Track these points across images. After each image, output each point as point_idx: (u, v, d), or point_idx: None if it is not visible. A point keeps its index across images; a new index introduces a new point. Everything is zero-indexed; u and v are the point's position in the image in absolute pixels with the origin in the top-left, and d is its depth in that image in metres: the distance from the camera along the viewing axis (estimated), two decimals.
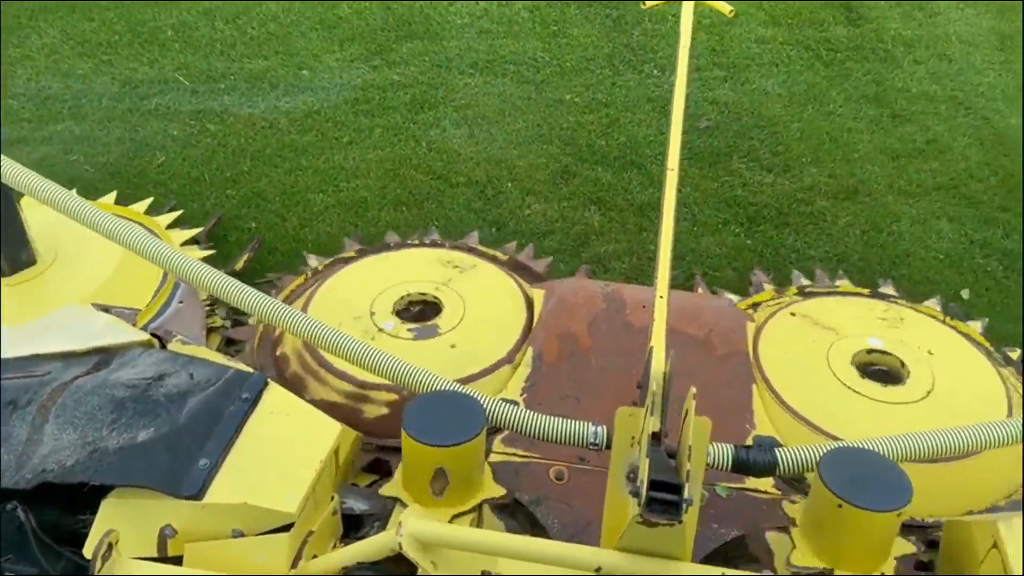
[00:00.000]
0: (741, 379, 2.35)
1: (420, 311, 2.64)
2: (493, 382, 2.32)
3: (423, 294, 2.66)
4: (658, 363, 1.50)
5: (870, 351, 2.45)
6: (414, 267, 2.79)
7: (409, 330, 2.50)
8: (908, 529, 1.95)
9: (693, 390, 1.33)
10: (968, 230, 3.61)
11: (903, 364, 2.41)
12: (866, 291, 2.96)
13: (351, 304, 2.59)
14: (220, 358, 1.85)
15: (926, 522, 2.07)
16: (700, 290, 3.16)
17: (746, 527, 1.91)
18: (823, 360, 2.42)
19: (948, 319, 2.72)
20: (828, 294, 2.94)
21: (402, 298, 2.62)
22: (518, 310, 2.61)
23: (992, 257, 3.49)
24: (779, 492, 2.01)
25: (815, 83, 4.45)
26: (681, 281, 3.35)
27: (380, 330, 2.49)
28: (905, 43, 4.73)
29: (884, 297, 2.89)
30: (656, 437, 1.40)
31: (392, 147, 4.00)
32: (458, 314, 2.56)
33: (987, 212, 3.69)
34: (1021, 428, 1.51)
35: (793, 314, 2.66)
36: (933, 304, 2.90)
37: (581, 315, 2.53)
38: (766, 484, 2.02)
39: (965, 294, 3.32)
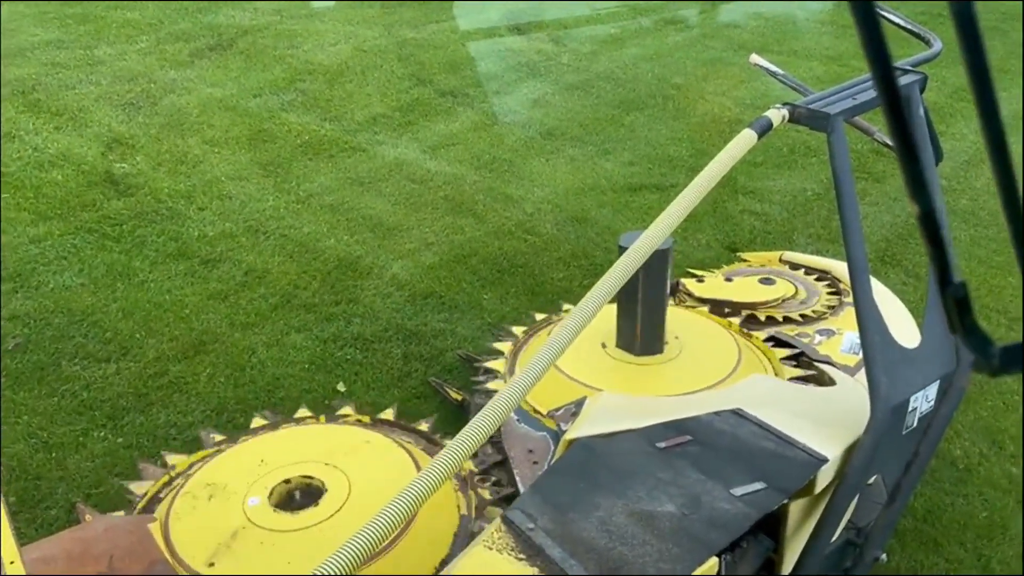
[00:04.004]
0: None
1: None
2: None
3: None
4: None
5: (279, 484, 2.36)
6: None
7: None
8: None
9: None
10: (316, 333, 3.84)
11: (317, 480, 2.38)
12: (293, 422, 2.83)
13: None
14: None
15: None
16: (88, 517, 2.69)
17: None
18: (241, 516, 2.25)
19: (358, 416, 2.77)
20: (225, 447, 2.77)
21: None
22: None
23: (347, 346, 3.77)
24: None
25: (114, 261, 4.26)
26: (64, 518, 2.85)
27: None
28: (183, 196, 4.87)
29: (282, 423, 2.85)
30: None
31: None
32: None
33: (327, 311, 3.98)
34: (422, 485, 1.56)
35: (193, 488, 2.42)
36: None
37: None
38: None
39: (341, 387, 3.52)
